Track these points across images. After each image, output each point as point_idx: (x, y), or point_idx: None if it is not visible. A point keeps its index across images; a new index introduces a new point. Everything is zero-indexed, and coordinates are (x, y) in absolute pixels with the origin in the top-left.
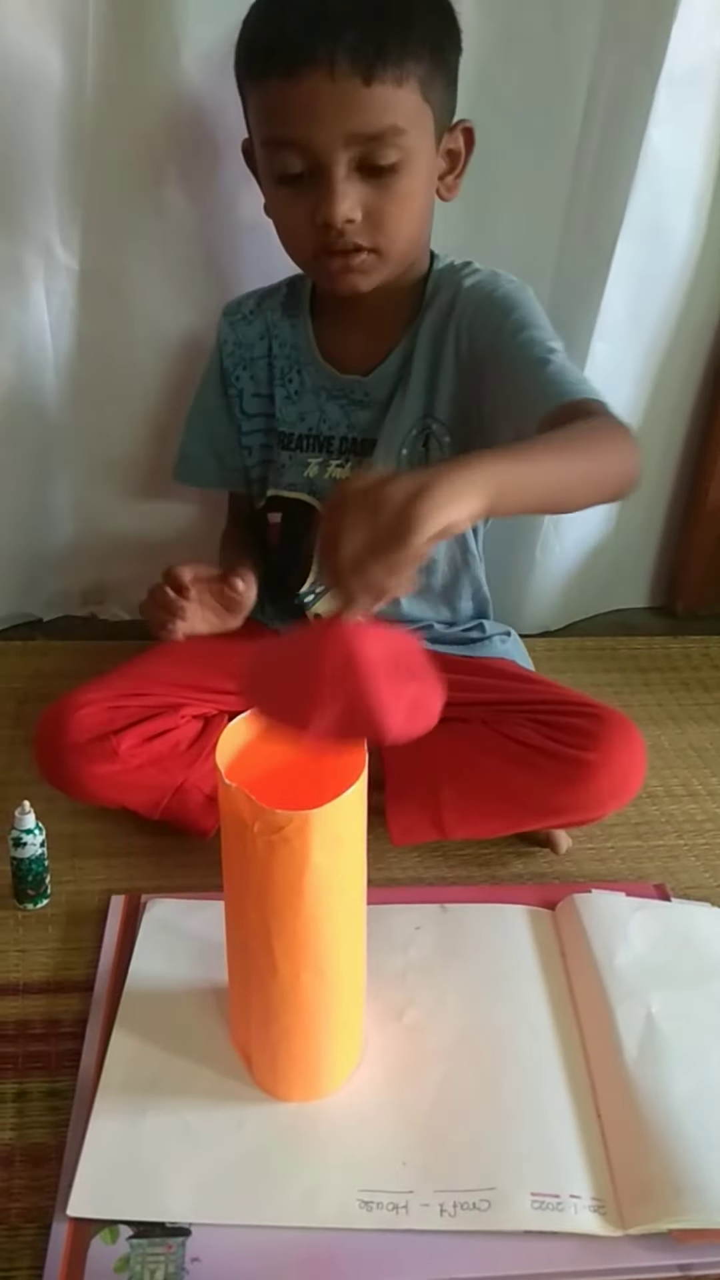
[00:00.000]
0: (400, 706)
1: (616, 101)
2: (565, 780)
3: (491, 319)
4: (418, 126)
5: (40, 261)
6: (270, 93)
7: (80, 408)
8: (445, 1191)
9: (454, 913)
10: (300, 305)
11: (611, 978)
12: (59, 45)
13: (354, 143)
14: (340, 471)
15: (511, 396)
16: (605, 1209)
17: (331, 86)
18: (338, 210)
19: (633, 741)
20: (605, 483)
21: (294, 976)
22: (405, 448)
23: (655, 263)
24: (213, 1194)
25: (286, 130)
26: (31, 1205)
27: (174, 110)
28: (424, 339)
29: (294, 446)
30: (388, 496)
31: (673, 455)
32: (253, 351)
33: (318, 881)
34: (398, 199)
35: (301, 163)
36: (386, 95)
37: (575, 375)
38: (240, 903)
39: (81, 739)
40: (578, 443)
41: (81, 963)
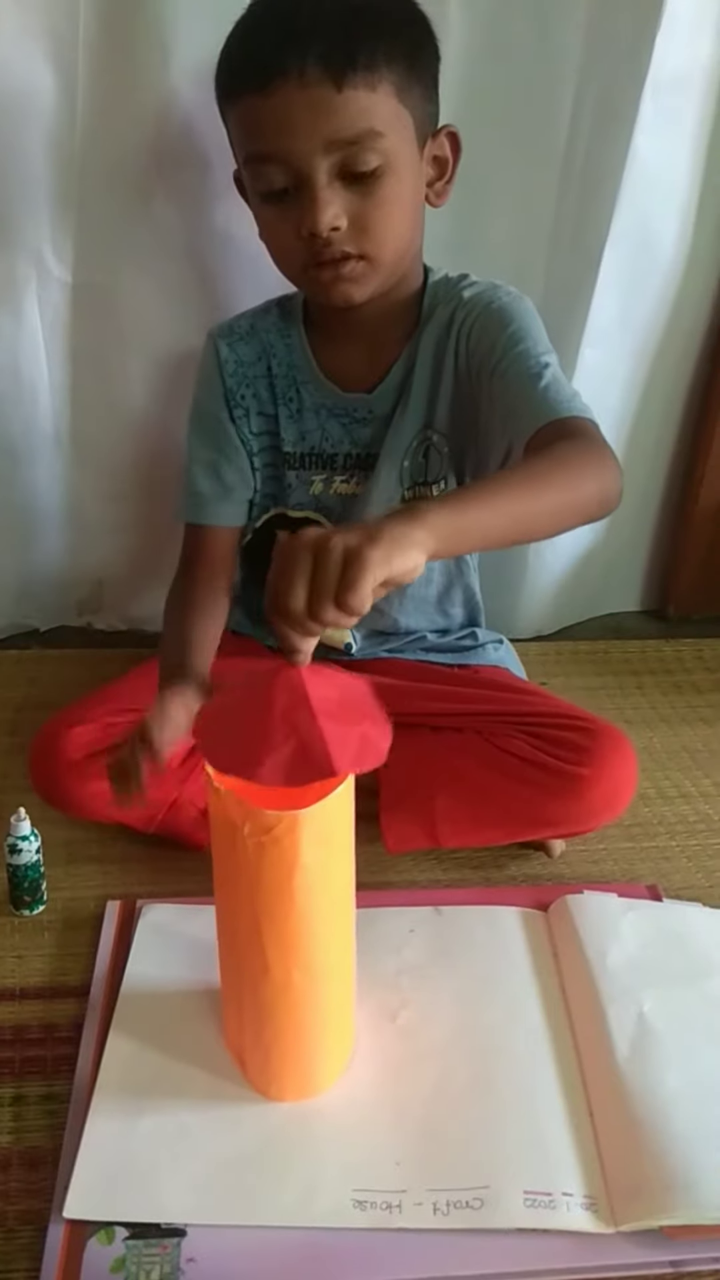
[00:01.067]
0: (350, 745)
1: (603, 109)
2: (558, 794)
3: (489, 332)
4: (396, 131)
5: (33, 273)
6: (246, 110)
7: (74, 419)
8: (438, 1190)
9: (448, 915)
10: (294, 323)
11: (604, 977)
12: (50, 59)
13: (332, 149)
14: (345, 487)
15: (504, 411)
16: (597, 1206)
17: (304, 95)
18: (321, 219)
19: (625, 756)
20: (576, 510)
21: (286, 976)
22: (407, 460)
23: (643, 269)
24: (208, 1195)
25: (264, 144)
26: (28, 1208)
27: (164, 123)
28: (425, 352)
29: (298, 465)
30: (333, 547)
31: (663, 459)
32: (254, 370)
33: (307, 881)
34: (382, 204)
35: (284, 177)
36: (360, 99)
37: (564, 392)
38: (231, 905)
39: (76, 757)
40: (545, 474)
41: (77, 968)
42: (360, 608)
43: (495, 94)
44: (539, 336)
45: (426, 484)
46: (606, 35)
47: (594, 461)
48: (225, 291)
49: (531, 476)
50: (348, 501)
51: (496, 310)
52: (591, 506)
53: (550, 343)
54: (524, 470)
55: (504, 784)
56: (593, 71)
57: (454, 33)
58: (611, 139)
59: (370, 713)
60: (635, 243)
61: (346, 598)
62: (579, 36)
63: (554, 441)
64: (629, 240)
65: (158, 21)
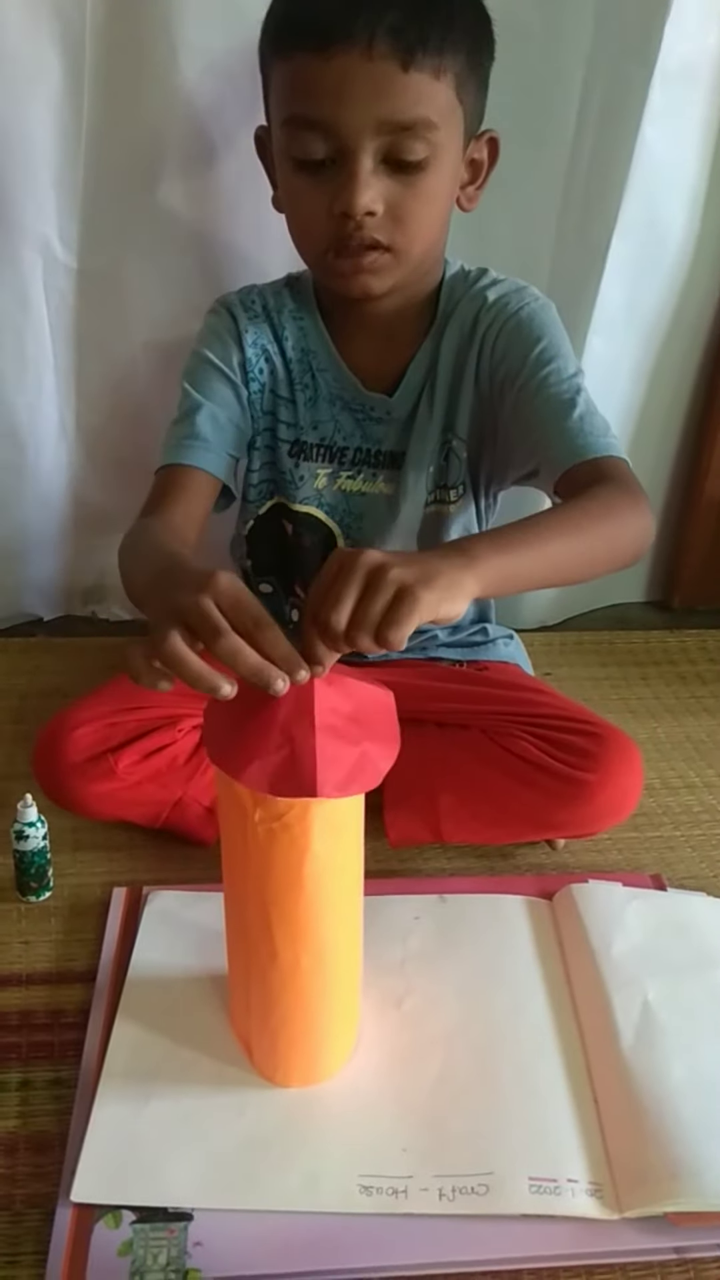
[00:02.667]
0: (343, 767)
1: (611, 99)
2: (563, 798)
3: (517, 344)
4: (448, 125)
5: (39, 259)
6: (299, 69)
7: (80, 406)
8: (444, 1176)
9: (452, 903)
10: (308, 307)
11: (608, 966)
12: (57, 45)
13: (384, 131)
14: (351, 484)
15: (533, 437)
16: (602, 1193)
17: (368, 67)
18: (359, 200)
19: (632, 762)
20: (610, 559)
21: (294, 962)
22: (432, 465)
23: (650, 258)
24: (214, 1179)
25: (314, 109)
26: (35, 1192)
27: (171, 110)
28: (446, 354)
29: (305, 455)
30: (389, 581)
31: (669, 450)
32: (270, 349)
33: (317, 868)
34: (422, 198)
35: (325, 147)
36: (423, 85)
37: (597, 425)
38: (240, 891)
39: (79, 759)
40: (586, 525)
41: (84, 954)
42: (398, 645)
43: (503, 83)
44: (567, 351)
45: (445, 488)
46: (615, 25)
47: (631, 510)
48: (230, 279)
49: (578, 528)
50: (353, 499)
51: (525, 320)
52: (627, 556)
53: (572, 348)
54: (569, 520)
55: (509, 786)
56: (601, 61)
57: None
58: (620, 129)
59: (381, 731)
60: (643, 233)
61: (388, 633)
62: (588, 26)
63: (592, 485)
64: (637, 230)
65: (165, 8)
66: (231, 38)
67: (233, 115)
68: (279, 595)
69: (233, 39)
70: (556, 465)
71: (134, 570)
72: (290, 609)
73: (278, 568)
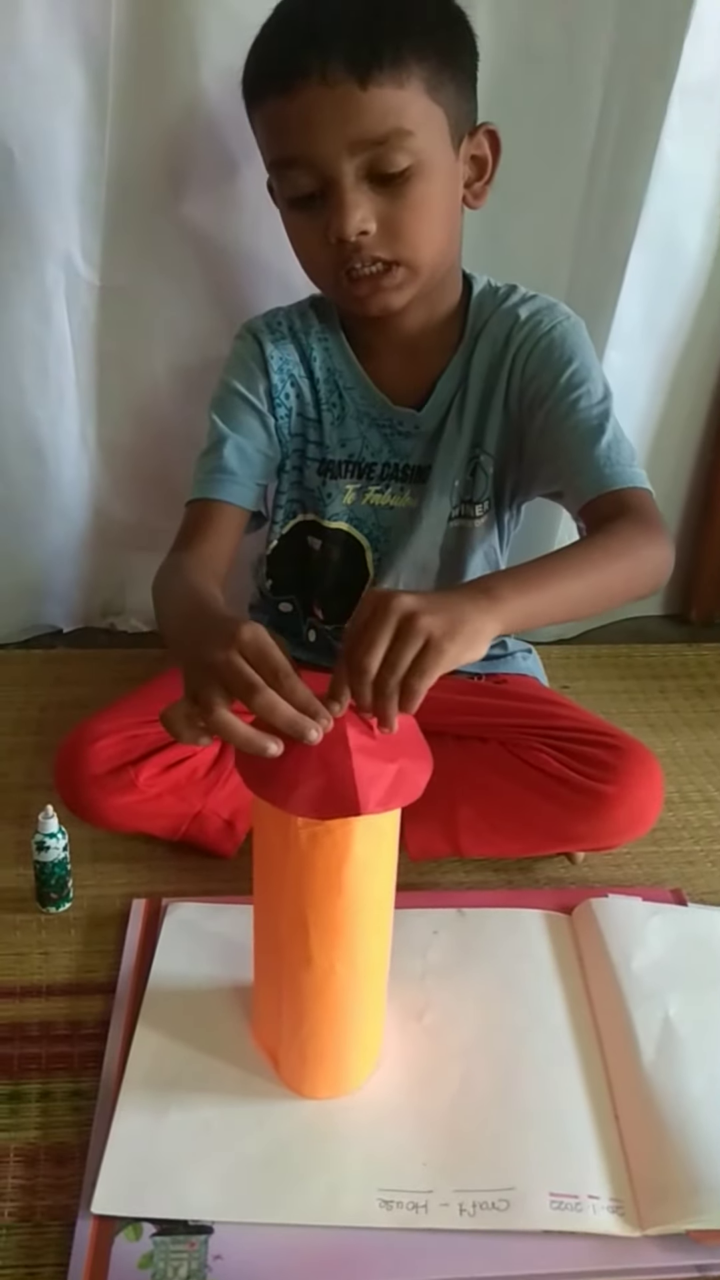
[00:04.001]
0: (382, 784)
1: (630, 114)
2: (582, 810)
3: (549, 366)
4: (427, 129)
5: (62, 276)
6: (270, 113)
7: (101, 420)
8: (464, 1191)
9: (471, 917)
10: (332, 327)
11: (629, 981)
12: (81, 63)
13: (358, 149)
14: (380, 498)
15: (560, 461)
16: (623, 1209)
17: (327, 94)
18: (349, 223)
19: (651, 774)
20: (627, 595)
21: (329, 968)
22: (458, 479)
23: (668, 272)
24: (234, 1192)
25: (289, 148)
26: (56, 1203)
27: (193, 128)
28: (477, 369)
29: (334, 473)
30: (418, 630)
31: (686, 463)
32: (297, 371)
33: (357, 873)
34: (413, 206)
35: (310, 181)
36: (386, 97)
37: (624, 454)
38: (274, 896)
39: (100, 771)
40: (605, 564)
41: (103, 965)
42: (422, 692)
43: (523, 98)
44: (598, 374)
45: (471, 502)
46: (634, 40)
47: (653, 547)
48: (252, 295)
49: (596, 567)
50: (381, 512)
51: (558, 340)
52: (644, 591)
53: (602, 370)
54: (589, 559)
55: (528, 798)
56: (620, 76)
57: (482, 36)
58: (638, 144)
59: (411, 749)
60: (661, 247)
61: (413, 681)
62: (607, 42)
63: (614, 519)
64: (655, 244)
65: (187, 27)
66: None
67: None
68: (298, 615)
69: None
70: (582, 493)
71: (167, 611)
72: (308, 629)
73: (298, 587)
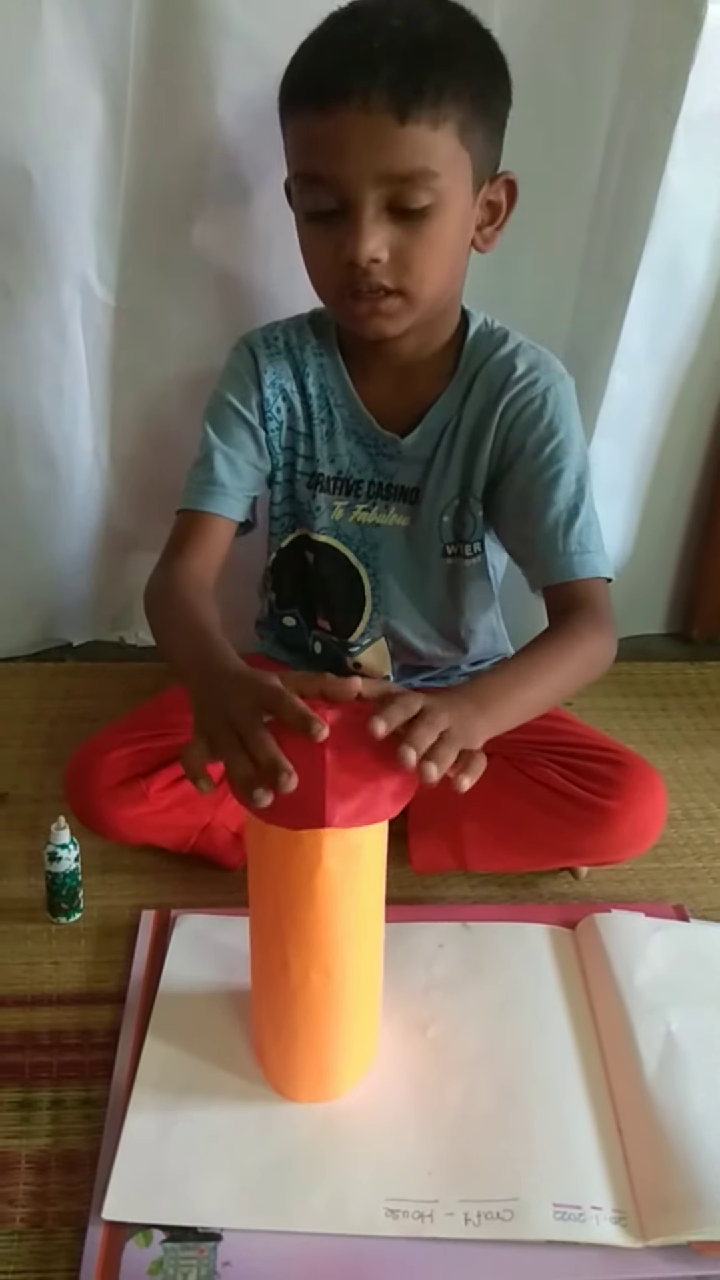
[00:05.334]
0: (355, 800)
1: (636, 144)
2: (586, 825)
3: (534, 430)
4: (452, 172)
5: (78, 296)
6: (304, 126)
7: (114, 438)
8: (469, 1201)
9: (476, 931)
10: (329, 344)
11: (631, 995)
12: (100, 90)
13: (384, 182)
14: (366, 515)
15: (528, 532)
16: (626, 1220)
17: (365, 121)
18: (363, 249)
19: (654, 790)
20: (576, 689)
21: (303, 976)
22: (446, 515)
23: (673, 298)
24: (243, 1199)
25: (317, 165)
26: (67, 1210)
27: (209, 153)
28: (470, 413)
29: (324, 488)
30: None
31: (689, 483)
32: (289, 385)
33: (329, 884)
34: (426, 243)
35: (331, 199)
36: (420, 136)
37: (590, 540)
38: (258, 900)
39: (111, 783)
40: (565, 668)
41: (113, 975)
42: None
43: (531, 127)
44: (578, 450)
45: (463, 542)
46: (640, 71)
47: (601, 644)
48: (261, 315)
49: (557, 673)
50: (368, 530)
51: (549, 405)
52: (591, 680)
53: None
54: (553, 666)
55: (532, 813)
56: (626, 108)
57: None
58: (644, 173)
59: (399, 768)
60: (665, 273)
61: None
62: (614, 72)
63: (572, 613)
64: (660, 271)
65: (204, 56)
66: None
67: (267, 158)
68: (302, 628)
69: (268, 84)
70: (544, 574)
71: (166, 634)
72: (313, 641)
73: (301, 600)
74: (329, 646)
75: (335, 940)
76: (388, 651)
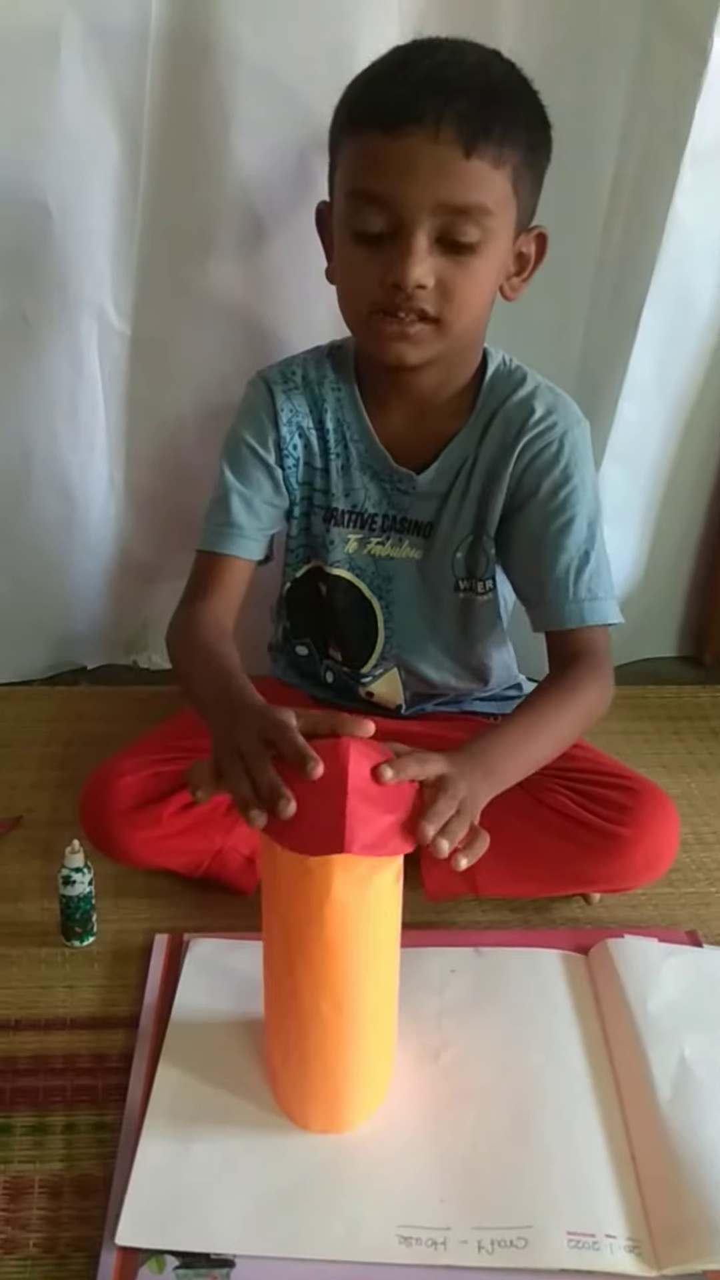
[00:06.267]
0: (373, 829)
1: (643, 174)
2: (599, 852)
3: (549, 474)
4: (503, 213)
5: (95, 326)
6: (369, 145)
7: (129, 465)
8: (483, 1229)
9: (488, 956)
10: (347, 378)
11: (645, 1021)
12: (117, 125)
13: (441, 212)
14: (380, 549)
15: (537, 575)
16: (640, 1249)
17: (433, 149)
18: (412, 273)
19: (668, 818)
20: (580, 734)
21: (313, 1006)
22: (460, 551)
23: (681, 327)
24: (256, 1226)
25: (377, 185)
26: (80, 1235)
27: (223, 186)
28: (486, 452)
29: (339, 521)
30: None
31: (699, 509)
32: (306, 422)
33: (338, 915)
34: (471, 277)
35: (383, 221)
36: (482, 172)
37: (598, 587)
38: (271, 926)
39: (125, 807)
40: (565, 721)
41: (126, 999)
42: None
43: None
44: (590, 497)
45: (476, 578)
46: (648, 103)
47: (599, 693)
48: (278, 347)
49: (559, 726)
50: (382, 563)
51: (566, 450)
52: (588, 729)
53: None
54: (554, 721)
55: (545, 839)
56: (634, 139)
57: None
58: (652, 202)
59: (417, 805)
60: (673, 302)
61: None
62: (621, 103)
63: (572, 664)
64: (667, 300)
65: (219, 91)
66: (282, 118)
67: (281, 192)
68: (314, 657)
69: (283, 119)
70: (553, 619)
71: (190, 675)
72: (325, 670)
73: (314, 629)
74: (340, 676)
75: (345, 972)
76: (400, 682)
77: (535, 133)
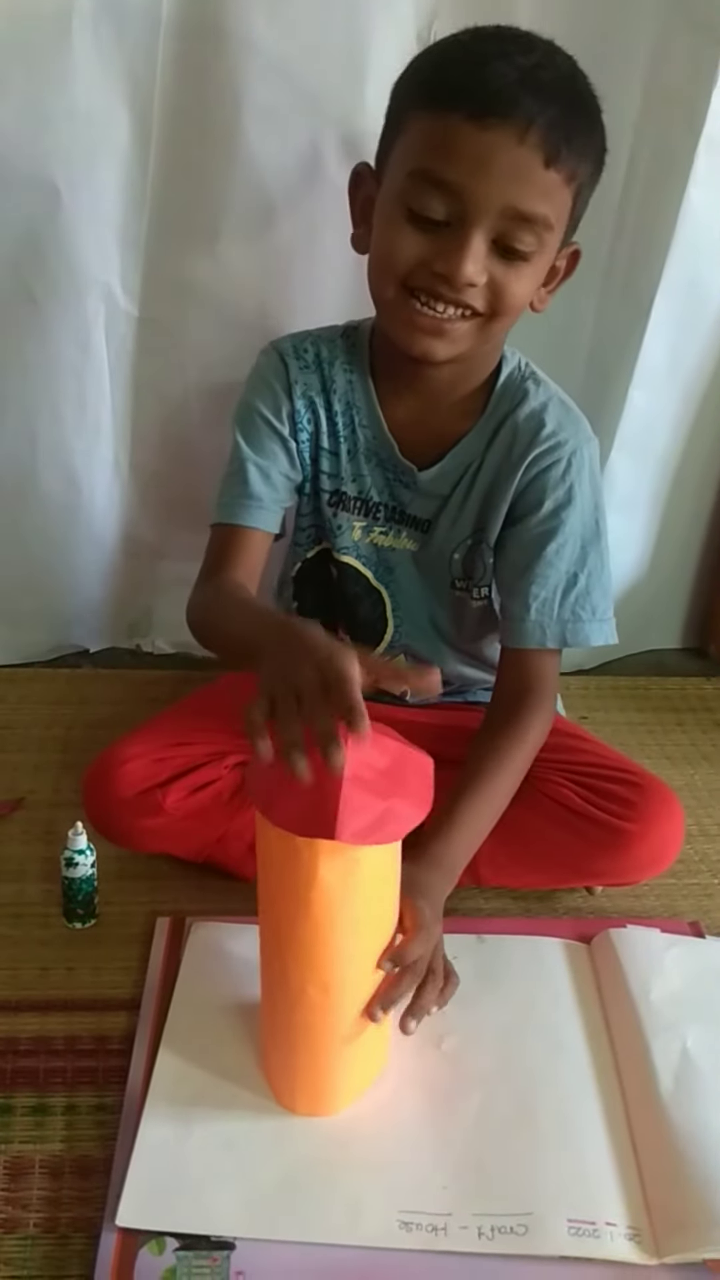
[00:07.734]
0: (366, 816)
1: (657, 163)
2: (603, 846)
3: (551, 496)
4: (558, 229)
5: (102, 307)
6: (449, 128)
7: (134, 448)
8: (483, 1215)
9: (491, 944)
10: (360, 362)
11: (647, 1011)
12: (127, 106)
13: (508, 214)
14: (383, 539)
15: (521, 590)
16: (640, 1237)
17: (515, 149)
18: (465, 269)
19: (672, 812)
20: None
21: (300, 989)
22: (457, 553)
23: (692, 316)
24: (257, 1209)
25: (449, 172)
26: (80, 1216)
27: (232, 168)
28: (490, 464)
29: (341, 506)
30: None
31: (707, 500)
32: (319, 399)
33: (325, 898)
34: (518, 280)
35: (444, 209)
36: (554, 185)
37: (581, 611)
38: (263, 909)
39: (128, 794)
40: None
41: (128, 982)
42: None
43: None
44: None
45: (473, 582)
46: (663, 91)
47: (544, 730)
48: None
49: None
50: (384, 553)
51: (571, 473)
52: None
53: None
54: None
55: (549, 832)
56: (648, 126)
57: None
58: (665, 192)
59: (413, 790)
60: (686, 291)
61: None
62: (636, 92)
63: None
64: (679, 289)
65: (230, 73)
66: (293, 104)
67: (290, 177)
68: None
69: (294, 105)
70: (520, 635)
71: (225, 623)
72: None
73: (323, 611)
74: None
75: (332, 956)
76: None
77: (602, 154)
